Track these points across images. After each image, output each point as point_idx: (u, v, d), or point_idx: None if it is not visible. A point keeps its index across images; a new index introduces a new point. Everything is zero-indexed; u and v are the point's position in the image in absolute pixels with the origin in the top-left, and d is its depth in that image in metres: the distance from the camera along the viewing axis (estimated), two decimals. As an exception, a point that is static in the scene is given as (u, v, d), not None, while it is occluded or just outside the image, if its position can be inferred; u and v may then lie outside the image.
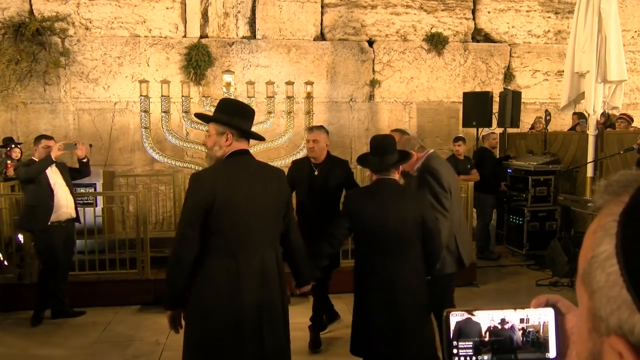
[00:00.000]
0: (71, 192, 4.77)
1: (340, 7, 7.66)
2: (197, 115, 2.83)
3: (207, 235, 2.26)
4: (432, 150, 3.41)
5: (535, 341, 0.70)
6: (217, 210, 2.24)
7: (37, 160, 4.60)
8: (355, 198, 2.90)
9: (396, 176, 2.85)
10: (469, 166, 6.59)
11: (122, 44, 7.22)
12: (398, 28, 7.81)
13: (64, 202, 4.65)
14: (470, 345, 0.70)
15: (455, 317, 0.71)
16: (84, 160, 4.85)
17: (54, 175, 4.63)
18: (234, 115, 2.38)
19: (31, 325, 4.58)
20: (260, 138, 2.58)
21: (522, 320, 0.70)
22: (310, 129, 4.33)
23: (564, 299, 0.72)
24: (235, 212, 2.28)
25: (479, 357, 0.70)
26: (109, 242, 5.50)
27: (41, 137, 4.78)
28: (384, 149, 2.83)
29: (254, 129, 2.49)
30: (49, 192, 4.56)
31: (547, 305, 0.71)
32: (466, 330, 0.71)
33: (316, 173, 4.02)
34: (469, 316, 0.71)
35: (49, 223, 4.56)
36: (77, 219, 4.82)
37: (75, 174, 4.89)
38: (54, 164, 4.60)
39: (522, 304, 0.72)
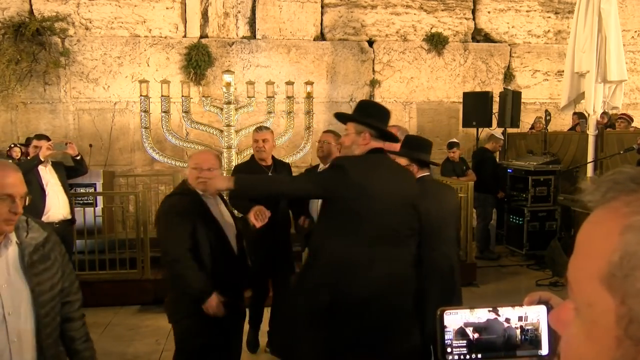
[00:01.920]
0: (66, 192, 4.65)
1: (340, 7, 7.66)
2: (338, 115, 2.81)
3: (342, 220, 2.33)
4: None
5: (533, 339, 0.70)
6: (357, 197, 2.31)
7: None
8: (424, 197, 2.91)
9: None
10: (464, 167, 6.62)
11: (122, 44, 7.22)
12: (398, 28, 7.81)
13: (55, 202, 4.51)
14: (465, 344, 0.70)
15: (455, 315, 0.70)
16: (78, 158, 4.77)
17: (47, 175, 4.52)
18: (372, 116, 2.49)
19: None
20: (395, 139, 2.66)
21: (520, 319, 0.70)
22: (259, 128, 4.11)
23: (555, 296, 0.71)
24: (373, 203, 2.32)
25: (473, 354, 0.70)
26: (109, 242, 5.50)
27: (32, 138, 4.70)
28: (427, 147, 2.96)
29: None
30: (40, 193, 4.42)
31: (539, 302, 0.71)
32: (491, 329, 0.70)
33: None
34: (496, 316, 0.70)
35: None
36: (72, 220, 4.70)
37: (71, 173, 4.82)
38: (50, 164, 4.51)
39: (521, 303, 0.72)
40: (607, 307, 0.48)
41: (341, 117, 2.73)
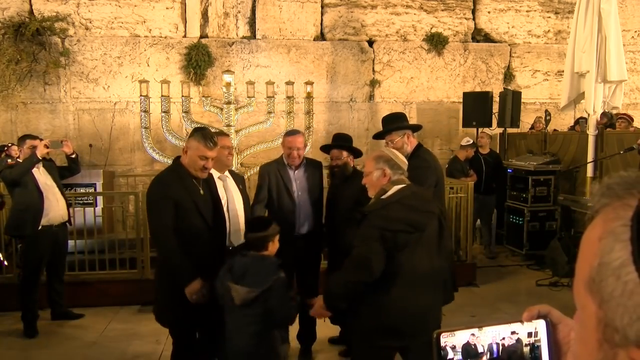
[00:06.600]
0: (62, 193, 4.52)
1: (340, 7, 7.66)
2: (377, 135, 3.40)
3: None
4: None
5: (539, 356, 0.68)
6: (438, 180, 3.21)
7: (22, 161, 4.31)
8: None
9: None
10: (468, 167, 6.63)
11: (122, 44, 7.21)
12: (398, 28, 7.80)
13: (55, 204, 4.38)
14: None
15: (452, 338, 0.66)
16: (73, 157, 4.61)
17: (42, 176, 4.36)
18: (397, 122, 3.22)
19: (25, 336, 4.32)
20: (419, 128, 3.54)
21: (530, 335, 0.68)
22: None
23: (554, 310, 0.70)
24: (442, 183, 3.31)
25: None
26: (109, 242, 5.50)
27: (25, 137, 4.50)
28: (352, 141, 3.88)
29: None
30: (38, 194, 4.27)
31: (538, 317, 0.69)
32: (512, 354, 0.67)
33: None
34: (511, 336, 0.67)
35: (39, 227, 4.28)
36: (69, 221, 4.60)
37: (65, 172, 4.68)
38: (42, 164, 4.34)
39: (522, 305, 0.70)
40: (591, 311, 0.50)
41: (379, 134, 3.33)
